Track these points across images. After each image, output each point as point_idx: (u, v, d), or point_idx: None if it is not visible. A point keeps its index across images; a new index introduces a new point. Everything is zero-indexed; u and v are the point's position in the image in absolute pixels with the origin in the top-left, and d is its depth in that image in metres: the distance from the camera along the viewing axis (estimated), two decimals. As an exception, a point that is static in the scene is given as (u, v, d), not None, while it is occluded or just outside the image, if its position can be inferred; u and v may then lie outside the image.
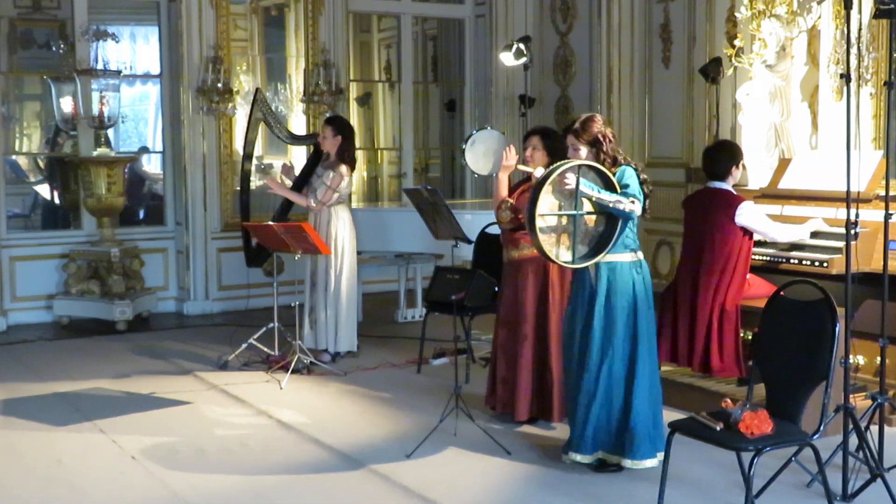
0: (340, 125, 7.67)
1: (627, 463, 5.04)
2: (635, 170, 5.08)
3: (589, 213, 4.92)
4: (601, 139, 5.10)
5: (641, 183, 5.06)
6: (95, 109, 9.13)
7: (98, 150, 9.28)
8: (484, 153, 6.24)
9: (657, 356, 5.24)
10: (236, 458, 5.51)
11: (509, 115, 11.02)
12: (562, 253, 4.90)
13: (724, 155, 6.21)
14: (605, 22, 9.50)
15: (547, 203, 4.82)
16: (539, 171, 5.24)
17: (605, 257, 4.99)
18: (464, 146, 6.39)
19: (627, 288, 5.06)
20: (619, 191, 4.92)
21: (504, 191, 5.95)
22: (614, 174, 5.00)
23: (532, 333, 5.87)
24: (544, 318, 5.85)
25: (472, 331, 7.50)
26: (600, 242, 4.97)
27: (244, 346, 7.62)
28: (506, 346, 5.98)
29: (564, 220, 4.88)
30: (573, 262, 4.94)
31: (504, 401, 6.00)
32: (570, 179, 4.80)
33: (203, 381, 7.20)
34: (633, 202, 4.88)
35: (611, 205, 4.86)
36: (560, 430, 5.77)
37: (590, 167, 4.91)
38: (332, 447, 5.65)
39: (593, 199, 4.86)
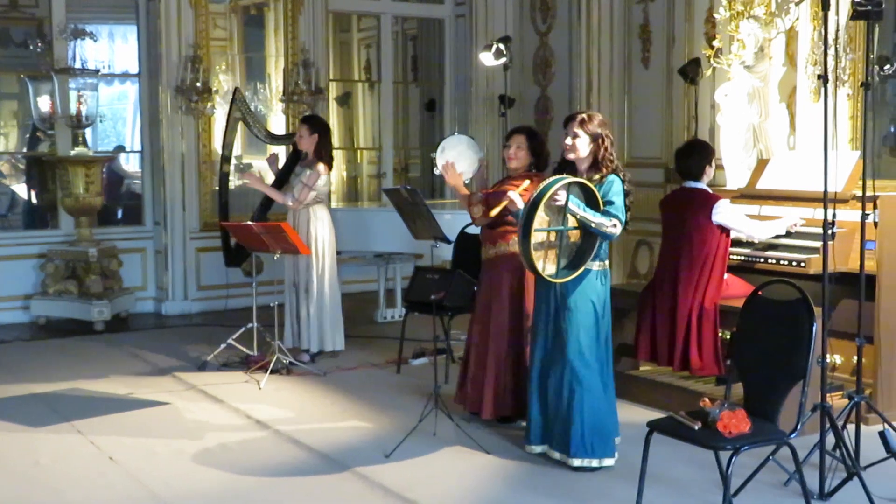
0: (316, 123, 7.66)
1: (584, 462, 5.14)
2: (623, 181, 5.12)
3: (573, 228, 5.01)
4: (604, 136, 5.15)
5: (626, 195, 5.11)
6: (73, 108, 9.09)
7: (76, 149, 9.23)
8: (455, 158, 6.25)
9: (612, 362, 5.35)
10: (215, 458, 5.49)
11: (489, 116, 11.03)
12: (548, 267, 5.00)
13: (696, 155, 6.24)
14: (584, 22, 9.53)
15: (538, 219, 4.89)
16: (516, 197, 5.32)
17: None
18: (433, 155, 6.40)
19: (593, 295, 5.15)
20: (601, 206, 4.99)
21: (465, 195, 6.01)
22: (602, 182, 5.07)
23: (507, 332, 5.88)
24: (520, 317, 5.87)
25: (452, 331, 7.50)
26: (578, 256, 5.08)
27: (223, 346, 7.59)
28: (478, 344, 5.99)
29: (553, 236, 4.97)
30: (556, 275, 5.04)
31: (472, 399, 6.01)
32: (561, 196, 4.87)
33: (182, 381, 7.17)
34: (614, 225, 4.98)
35: (594, 225, 4.96)
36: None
37: (575, 182, 4.98)
38: (312, 447, 5.64)
39: (578, 216, 4.95)
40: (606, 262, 5.24)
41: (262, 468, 5.33)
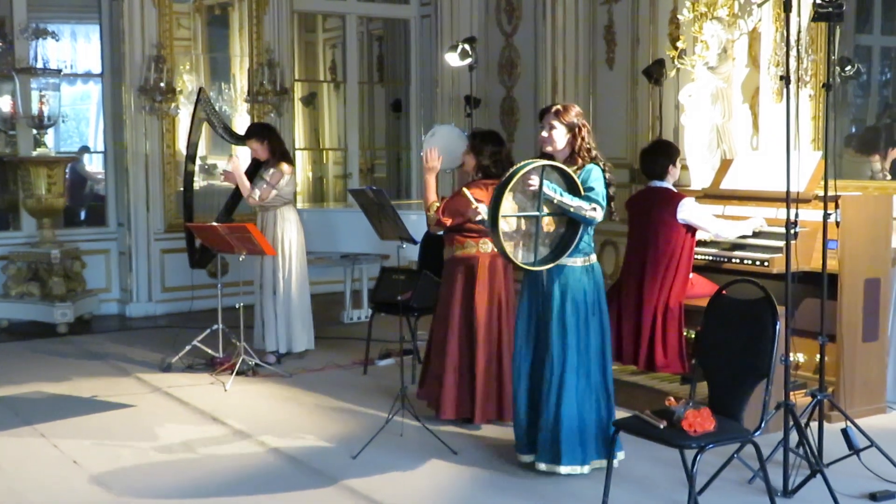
0: (260, 132, 7.64)
1: (582, 469, 5.01)
2: (603, 170, 4.98)
3: (550, 214, 4.84)
4: (580, 126, 5.01)
5: (607, 185, 4.98)
6: (35, 109, 9.01)
7: (38, 150, 9.14)
8: (442, 148, 6.26)
9: (609, 361, 5.14)
10: (180, 461, 5.46)
11: (455, 116, 11.02)
12: (521, 254, 4.84)
13: (660, 154, 6.27)
14: (549, 23, 9.56)
15: (509, 205, 4.75)
16: (483, 209, 5.09)
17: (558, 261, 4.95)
18: (424, 139, 6.40)
19: (579, 294, 4.98)
20: (581, 192, 4.85)
21: (432, 193, 5.98)
22: (581, 171, 4.93)
23: (459, 334, 5.91)
24: (470, 319, 5.89)
25: (419, 331, 7.49)
26: (561, 244, 4.91)
27: (188, 348, 7.54)
28: (438, 344, 6.02)
29: (525, 223, 4.81)
30: (534, 263, 4.87)
31: (434, 397, 6.04)
32: (534, 180, 4.72)
33: (146, 383, 7.12)
34: (594, 208, 4.81)
35: (572, 209, 4.80)
36: (505, 430, 5.78)
37: (553, 167, 4.82)
38: (278, 449, 5.62)
39: (555, 201, 4.78)
40: (592, 257, 5.05)
41: (227, 471, 5.30)
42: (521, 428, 5.20)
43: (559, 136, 5.03)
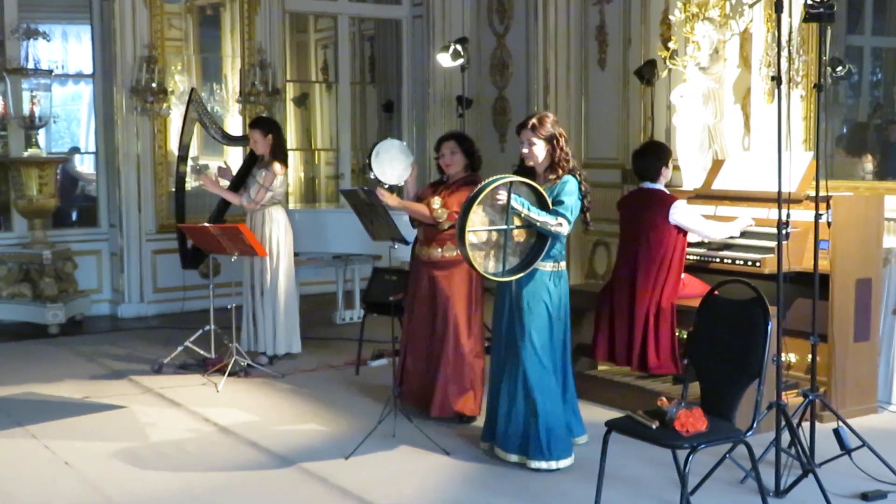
0: (267, 125, 7.61)
1: (542, 465, 5.14)
2: (579, 182, 5.15)
3: (518, 227, 5.01)
4: (558, 136, 5.17)
5: (583, 196, 5.15)
6: (26, 109, 8.99)
7: (29, 150, 9.12)
8: (389, 162, 6.30)
9: (570, 363, 5.44)
10: (173, 462, 5.45)
11: (446, 117, 11.04)
12: (490, 265, 4.99)
13: (652, 156, 6.28)
14: (541, 24, 9.56)
15: (478, 217, 4.90)
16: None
17: None
18: (368, 159, 6.41)
19: (545, 296, 5.17)
20: (550, 206, 5.01)
21: (419, 205, 6.07)
22: (557, 183, 5.11)
23: (447, 332, 5.98)
24: (469, 319, 5.99)
25: (411, 332, 7.49)
26: (531, 255, 5.08)
27: (180, 348, 7.54)
28: (430, 344, 6.06)
29: (495, 235, 4.97)
30: (503, 273, 5.02)
31: (415, 395, 6.09)
32: (502, 195, 4.89)
33: (138, 384, 7.11)
34: (560, 223, 4.99)
35: (538, 224, 4.97)
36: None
37: (522, 183, 4.98)
38: (270, 450, 5.61)
39: (522, 215, 4.95)
40: (561, 264, 5.25)
41: (219, 471, 5.30)
42: (490, 419, 5.42)
43: (539, 151, 5.21)
